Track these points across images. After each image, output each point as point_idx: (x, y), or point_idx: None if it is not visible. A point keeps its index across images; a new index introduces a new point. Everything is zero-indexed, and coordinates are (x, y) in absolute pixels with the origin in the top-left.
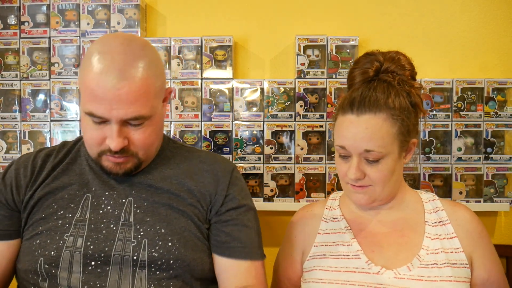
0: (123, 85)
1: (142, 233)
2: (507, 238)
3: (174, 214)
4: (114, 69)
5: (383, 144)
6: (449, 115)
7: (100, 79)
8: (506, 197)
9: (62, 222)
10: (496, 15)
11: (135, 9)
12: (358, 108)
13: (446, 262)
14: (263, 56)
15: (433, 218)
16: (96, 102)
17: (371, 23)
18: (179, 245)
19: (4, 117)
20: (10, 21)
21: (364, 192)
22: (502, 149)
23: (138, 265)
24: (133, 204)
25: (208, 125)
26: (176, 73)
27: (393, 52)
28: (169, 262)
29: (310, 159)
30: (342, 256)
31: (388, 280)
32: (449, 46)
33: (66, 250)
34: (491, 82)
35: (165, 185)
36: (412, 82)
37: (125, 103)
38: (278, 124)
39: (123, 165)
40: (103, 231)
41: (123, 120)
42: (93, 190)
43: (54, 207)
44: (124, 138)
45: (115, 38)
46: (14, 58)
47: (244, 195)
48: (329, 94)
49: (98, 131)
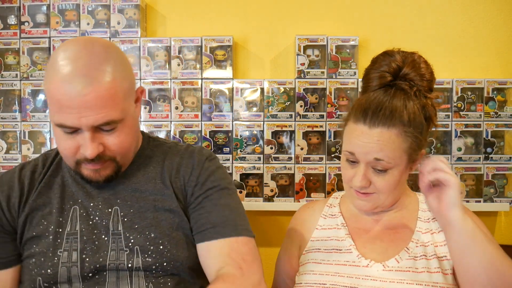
0: (89, 90)
1: (132, 241)
2: (507, 238)
3: (161, 215)
4: (77, 75)
5: (393, 157)
6: (449, 115)
7: (65, 88)
8: (506, 197)
9: (53, 237)
10: (496, 15)
11: (135, 9)
12: (371, 119)
13: (434, 254)
14: (263, 56)
15: (426, 215)
16: (64, 112)
17: (371, 23)
18: (170, 247)
19: (4, 117)
20: (10, 21)
21: (368, 199)
22: (502, 149)
23: (134, 270)
24: (119, 212)
25: (208, 125)
26: (176, 73)
27: (415, 55)
28: (163, 265)
29: (310, 159)
30: (335, 250)
31: (376, 272)
32: (449, 46)
33: (62, 266)
34: (491, 82)
35: (149, 187)
36: (429, 94)
37: (94, 109)
38: (278, 124)
39: (102, 171)
40: (96, 242)
41: (94, 126)
42: (79, 201)
43: (44, 224)
44: (98, 144)
45: (77, 43)
46: (14, 58)
47: (215, 179)
48: (329, 94)
49: (71, 140)
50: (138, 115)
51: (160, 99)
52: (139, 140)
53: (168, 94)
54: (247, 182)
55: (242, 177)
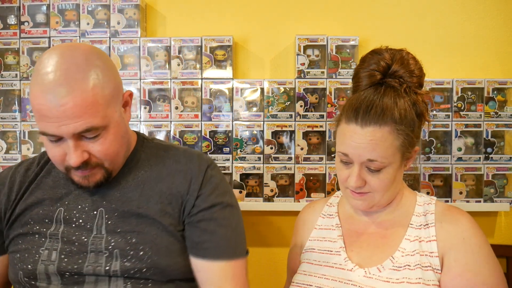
0: (66, 101)
1: (113, 244)
2: (507, 238)
3: (145, 221)
4: (55, 85)
5: (386, 155)
6: (449, 115)
7: (44, 98)
8: (506, 197)
9: (38, 236)
10: (496, 15)
11: (135, 9)
12: (362, 118)
13: (419, 264)
14: (263, 56)
15: (419, 221)
16: (45, 120)
17: (371, 23)
18: (151, 253)
19: (4, 117)
20: (10, 21)
21: (364, 199)
22: (502, 149)
23: (112, 275)
24: (104, 215)
25: (208, 125)
26: (176, 73)
27: (403, 52)
28: (142, 271)
29: (310, 159)
30: (327, 252)
31: (357, 278)
32: (449, 46)
33: (41, 263)
34: (491, 82)
35: (136, 193)
36: (419, 90)
37: (72, 117)
38: (278, 124)
39: (91, 178)
40: (76, 243)
41: (76, 134)
42: (65, 204)
43: (31, 223)
44: (82, 152)
45: (57, 51)
46: (14, 58)
47: (219, 193)
48: (329, 94)
49: (57, 148)
50: (128, 119)
51: (160, 99)
52: (131, 143)
53: (168, 94)
54: (247, 182)
55: (242, 177)
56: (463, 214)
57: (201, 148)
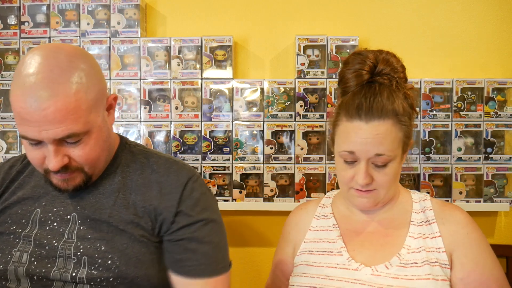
0: (48, 105)
1: (82, 250)
2: (507, 238)
3: (115, 230)
4: (37, 89)
5: (392, 148)
6: (449, 115)
7: (24, 102)
8: (506, 197)
9: (13, 236)
10: (496, 15)
11: (135, 9)
12: (366, 114)
13: (426, 260)
14: (263, 56)
15: (419, 217)
16: (25, 124)
17: (371, 23)
18: (119, 263)
19: (4, 117)
20: (10, 21)
21: (370, 196)
22: (502, 149)
23: (78, 282)
24: (77, 220)
25: (208, 125)
26: (176, 73)
27: (384, 52)
28: (109, 280)
29: (310, 159)
30: (326, 253)
31: (365, 276)
32: (449, 46)
33: (11, 264)
34: (491, 82)
35: (110, 200)
36: (406, 84)
37: (53, 123)
38: (278, 124)
39: (70, 181)
40: (46, 247)
41: (56, 139)
42: (43, 205)
43: (9, 222)
44: (63, 157)
45: (41, 53)
46: (14, 58)
47: (201, 210)
48: (329, 94)
49: (36, 151)
50: (111, 123)
51: (160, 99)
52: (114, 147)
53: (168, 94)
54: (247, 182)
55: (242, 177)
56: (459, 209)
57: (201, 148)
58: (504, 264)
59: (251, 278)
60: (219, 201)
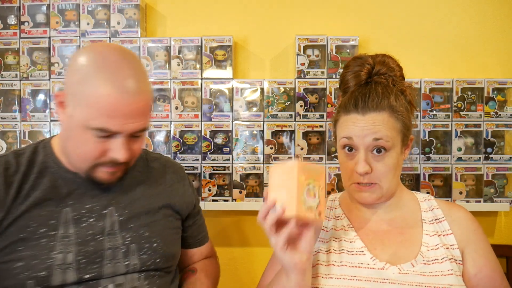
0: (138, 99)
1: (129, 239)
2: (507, 238)
3: (152, 217)
4: (128, 84)
5: (390, 135)
6: (449, 115)
7: (118, 95)
8: (506, 197)
9: (46, 240)
10: (496, 15)
11: (135, 9)
12: (362, 107)
13: (445, 256)
14: (263, 56)
15: (429, 216)
16: (110, 117)
17: (371, 23)
18: (163, 244)
19: (4, 117)
20: (10, 21)
21: (372, 191)
22: (502, 149)
23: (129, 272)
24: (114, 213)
25: (208, 125)
26: (176, 73)
27: (380, 55)
28: (156, 261)
29: (310, 159)
30: (346, 252)
31: (392, 275)
32: (449, 46)
33: (57, 268)
34: (491, 82)
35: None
36: (403, 82)
37: (137, 117)
38: (278, 124)
39: (117, 174)
40: (91, 243)
41: (131, 132)
42: (70, 204)
43: (33, 226)
44: (129, 149)
45: (114, 51)
46: (14, 58)
47: (198, 201)
48: (329, 94)
49: (100, 144)
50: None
51: (160, 99)
52: None
53: (168, 94)
54: (247, 182)
55: (242, 177)
56: (463, 207)
57: (201, 148)
58: (504, 264)
59: (251, 278)
60: (219, 201)
